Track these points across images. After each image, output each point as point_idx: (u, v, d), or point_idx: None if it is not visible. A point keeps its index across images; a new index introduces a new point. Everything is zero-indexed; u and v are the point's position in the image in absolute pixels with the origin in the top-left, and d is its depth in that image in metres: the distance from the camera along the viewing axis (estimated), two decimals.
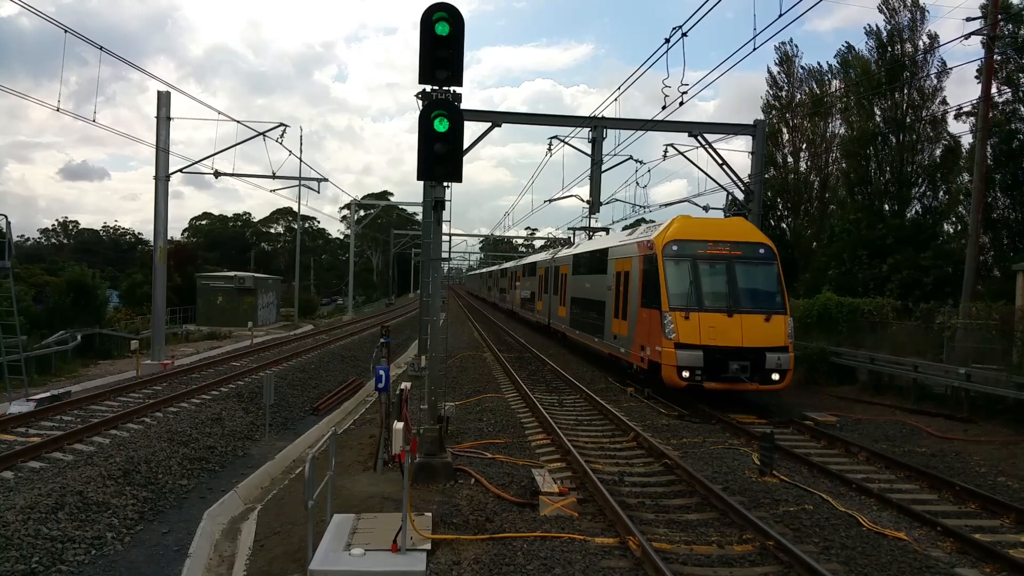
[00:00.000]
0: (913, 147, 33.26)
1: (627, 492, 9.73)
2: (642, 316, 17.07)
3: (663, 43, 12.39)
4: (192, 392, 17.24)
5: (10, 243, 17.48)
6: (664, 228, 17.20)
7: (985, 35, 19.69)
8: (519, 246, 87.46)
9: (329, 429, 11.43)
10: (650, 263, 16.68)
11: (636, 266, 17.87)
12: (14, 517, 8.41)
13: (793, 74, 40.67)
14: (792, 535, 8.07)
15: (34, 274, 38.41)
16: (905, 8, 33.31)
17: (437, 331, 10.98)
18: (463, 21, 9.14)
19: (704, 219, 20.40)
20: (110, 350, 27.96)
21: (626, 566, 7.22)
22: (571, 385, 19.01)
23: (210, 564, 8.37)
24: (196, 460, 12.50)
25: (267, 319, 48.55)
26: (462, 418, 14.25)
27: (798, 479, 10.32)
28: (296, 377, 21.36)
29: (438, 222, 10.91)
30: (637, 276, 17.63)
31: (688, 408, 15.59)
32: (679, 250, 16.27)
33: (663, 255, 16.17)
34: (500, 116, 17.67)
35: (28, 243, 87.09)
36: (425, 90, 10.79)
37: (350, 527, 7.75)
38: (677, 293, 15.84)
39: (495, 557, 7.27)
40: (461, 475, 10.13)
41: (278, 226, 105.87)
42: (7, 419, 13.60)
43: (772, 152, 38.66)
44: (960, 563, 7.57)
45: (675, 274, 16.07)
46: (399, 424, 7.81)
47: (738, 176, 19.70)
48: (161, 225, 23.50)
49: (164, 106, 23.12)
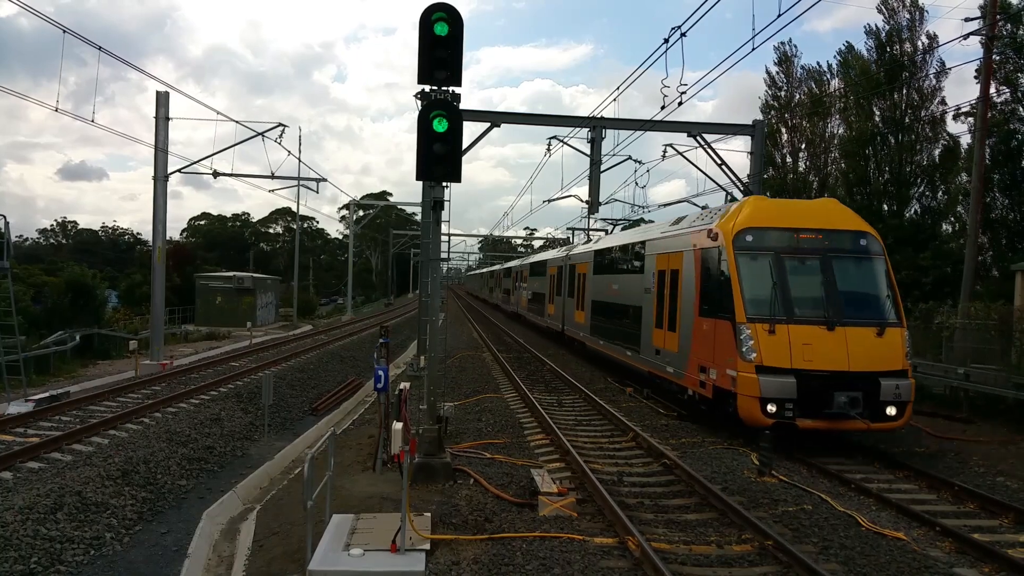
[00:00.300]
0: (912, 147, 33.31)
1: (626, 492, 9.73)
2: (701, 328, 13.66)
3: (662, 43, 12.38)
4: (191, 392, 17.22)
5: (9, 243, 17.46)
6: (730, 213, 13.59)
7: (984, 35, 19.71)
8: (518, 246, 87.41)
9: (328, 429, 11.42)
10: (713, 259, 13.36)
11: (690, 263, 14.40)
12: (13, 517, 8.40)
13: (792, 74, 40.71)
14: (791, 535, 8.08)
15: (33, 274, 38.37)
16: (904, 8, 33.36)
17: (436, 331, 10.98)
18: (462, 21, 9.15)
19: (782, 201, 16.66)
20: (109, 350, 27.97)
21: (625, 566, 7.22)
22: (570, 385, 19.01)
23: (209, 564, 8.36)
24: (195, 460, 12.50)
25: (266, 319, 48.53)
26: (461, 418, 14.25)
27: (797, 479, 10.32)
28: (295, 377, 21.36)
29: (437, 222, 10.91)
30: (692, 276, 14.21)
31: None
32: (755, 241, 12.83)
33: (735, 248, 12.72)
34: (499, 116, 17.62)
35: (27, 243, 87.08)
36: (424, 90, 10.76)
37: (349, 527, 7.75)
38: (756, 298, 12.33)
39: (494, 557, 7.27)
40: (460, 475, 10.13)
41: (277, 226, 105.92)
42: (6, 419, 13.59)
43: (771, 152, 38.70)
44: (959, 563, 7.58)
45: (753, 273, 12.61)
46: (398, 424, 7.81)
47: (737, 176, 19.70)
48: (160, 225, 23.49)
49: (163, 106, 23.12)
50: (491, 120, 17.09)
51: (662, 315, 16.03)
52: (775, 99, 41.18)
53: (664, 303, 15.94)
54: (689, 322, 14.25)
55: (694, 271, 14.18)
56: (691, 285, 14.30)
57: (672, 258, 15.61)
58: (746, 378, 11.86)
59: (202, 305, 45.57)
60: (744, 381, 11.89)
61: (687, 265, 14.59)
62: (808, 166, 40.66)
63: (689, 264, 14.48)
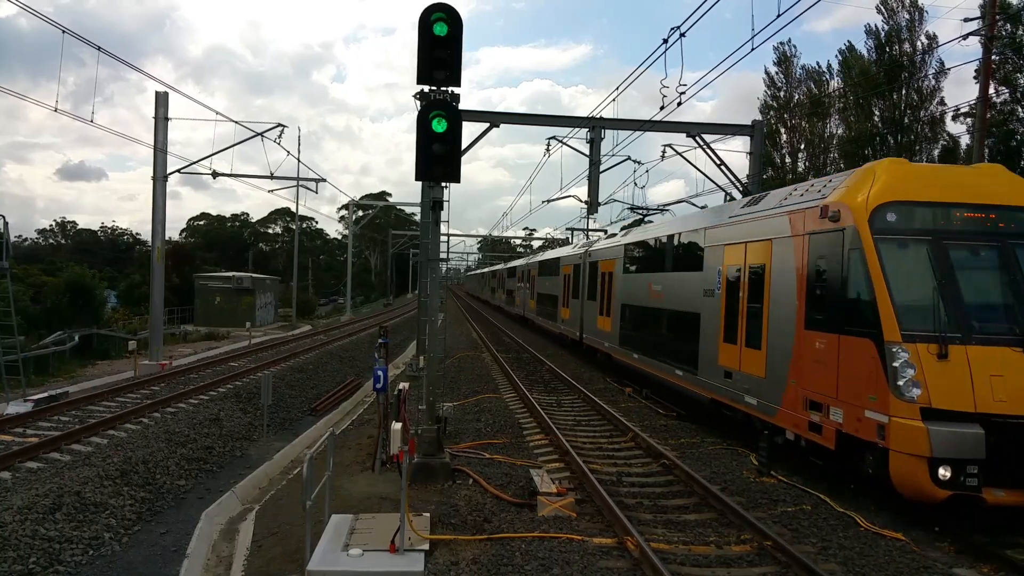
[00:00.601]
0: (911, 147, 33.37)
1: (625, 492, 9.73)
2: (812, 347, 9.94)
3: (661, 43, 12.38)
4: (190, 392, 17.21)
5: (8, 243, 17.47)
6: (855, 182, 9.76)
7: (983, 35, 19.73)
8: (517, 246, 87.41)
9: (327, 430, 11.42)
10: (833, 247, 9.69)
11: (787, 254, 10.80)
12: (11, 518, 8.40)
13: (791, 74, 40.78)
14: (790, 535, 8.07)
15: (32, 274, 38.38)
16: (904, 8, 33.44)
17: (435, 332, 10.98)
18: (461, 22, 9.16)
19: (929, 167, 13.29)
20: (108, 350, 27.97)
21: (624, 566, 7.21)
22: (569, 385, 19.00)
23: (208, 565, 8.35)
24: (194, 460, 12.49)
25: (265, 319, 48.51)
26: (460, 418, 14.24)
27: (796, 479, 10.32)
28: (294, 377, 21.35)
29: (436, 222, 10.91)
30: (791, 272, 10.61)
31: (687, 409, 14.69)
32: (902, 221, 9.10)
33: (874, 231, 9.03)
34: (498, 116, 17.63)
35: (26, 243, 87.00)
36: (423, 90, 10.75)
37: (348, 527, 7.75)
38: (913, 305, 8.68)
39: (493, 557, 7.27)
40: (459, 475, 10.13)
41: (276, 226, 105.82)
42: (5, 419, 13.59)
43: (770, 152, 38.78)
44: (958, 563, 7.57)
45: (903, 267, 9.01)
46: (397, 424, 7.80)
47: (736, 176, 19.70)
48: (159, 225, 23.49)
49: (162, 106, 23.12)
50: (490, 120, 17.09)
51: (735, 326, 12.46)
52: (774, 99, 41.28)
53: (739, 309, 12.36)
54: (787, 336, 10.62)
55: (795, 265, 10.55)
56: (788, 285, 10.69)
57: (751, 250, 12.04)
58: (905, 427, 8.10)
59: (201, 305, 45.55)
60: (901, 432, 8.12)
61: (783, 258, 10.92)
62: (807, 166, 40.74)
63: (785, 256, 10.85)
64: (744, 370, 12.02)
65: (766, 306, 11.38)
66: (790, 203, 11.23)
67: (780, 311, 10.94)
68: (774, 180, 39.41)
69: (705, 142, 18.66)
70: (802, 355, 10.20)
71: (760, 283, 11.65)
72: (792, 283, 10.63)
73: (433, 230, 11.01)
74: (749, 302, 12.06)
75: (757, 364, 11.52)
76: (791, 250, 10.75)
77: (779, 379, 10.78)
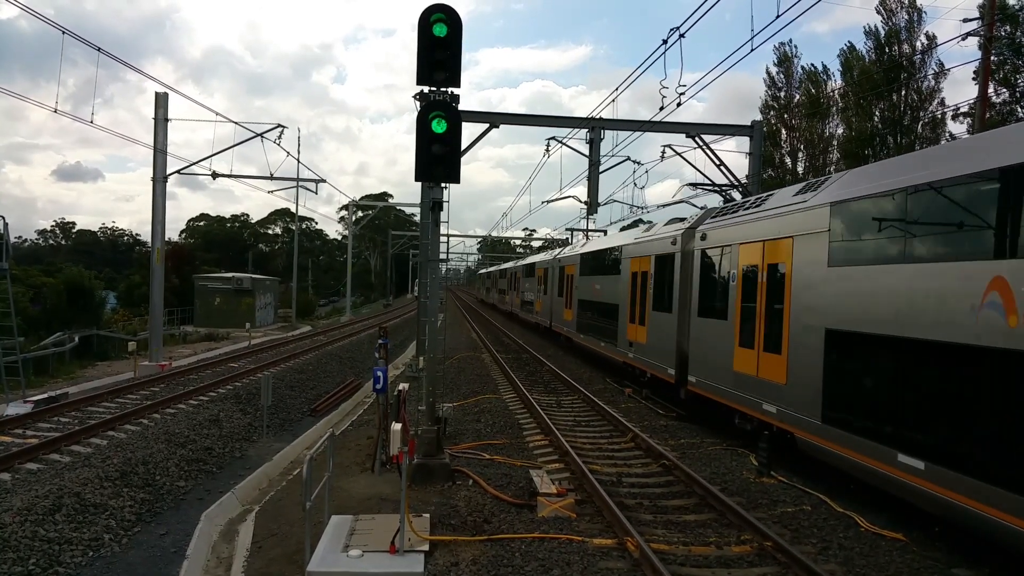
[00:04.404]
0: (911, 147, 33.36)
1: (625, 493, 9.73)
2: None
3: (661, 44, 12.38)
4: (190, 393, 17.21)
5: (7, 244, 17.45)
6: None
7: (982, 36, 19.74)
8: (517, 247, 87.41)
9: (327, 430, 11.40)
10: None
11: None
12: (11, 519, 8.39)
13: (792, 75, 40.81)
14: (790, 536, 8.08)
15: (31, 275, 38.36)
16: (903, 9, 33.45)
17: (435, 332, 10.98)
18: (461, 23, 9.16)
19: None
20: (108, 351, 27.95)
21: (624, 567, 7.21)
22: (569, 386, 19.00)
23: (208, 566, 8.35)
24: (194, 461, 12.47)
25: (265, 320, 48.49)
26: (460, 419, 14.25)
27: (796, 480, 10.32)
28: (294, 378, 21.34)
29: (436, 223, 10.90)
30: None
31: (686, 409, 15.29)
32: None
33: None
34: (498, 117, 17.66)
35: (25, 244, 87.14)
36: (423, 91, 10.76)
37: (348, 528, 7.75)
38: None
39: (493, 558, 7.27)
40: (459, 476, 10.13)
41: (276, 227, 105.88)
42: (4, 420, 13.59)
43: (770, 152, 38.80)
44: (958, 563, 7.57)
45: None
46: (397, 425, 7.80)
47: (735, 177, 19.70)
48: (159, 226, 23.49)
49: (162, 107, 23.12)
50: (490, 121, 17.11)
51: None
52: (774, 99, 41.30)
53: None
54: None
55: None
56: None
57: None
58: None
59: (201, 306, 45.53)
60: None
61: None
62: (807, 166, 40.77)
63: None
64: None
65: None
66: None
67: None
68: (773, 180, 39.43)
69: (704, 143, 18.67)
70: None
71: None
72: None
73: (433, 231, 11.01)
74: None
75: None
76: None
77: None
